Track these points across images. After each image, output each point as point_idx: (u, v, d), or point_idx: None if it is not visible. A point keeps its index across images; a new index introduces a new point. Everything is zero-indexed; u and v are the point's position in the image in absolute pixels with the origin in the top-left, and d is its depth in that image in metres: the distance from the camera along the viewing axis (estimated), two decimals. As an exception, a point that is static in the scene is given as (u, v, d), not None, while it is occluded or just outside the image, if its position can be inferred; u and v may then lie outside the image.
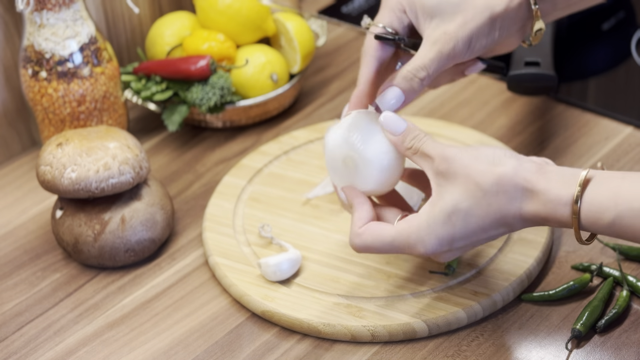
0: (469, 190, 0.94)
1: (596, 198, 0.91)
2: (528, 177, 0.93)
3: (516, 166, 0.94)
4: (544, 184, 0.93)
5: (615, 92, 1.36)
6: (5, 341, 1.06)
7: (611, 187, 0.90)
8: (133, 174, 1.12)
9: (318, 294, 1.07)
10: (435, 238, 0.96)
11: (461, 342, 1.03)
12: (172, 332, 1.06)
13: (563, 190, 0.92)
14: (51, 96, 1.21)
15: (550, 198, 0.92)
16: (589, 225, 0.92)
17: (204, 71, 1.27)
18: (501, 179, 0.94)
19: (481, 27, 1.03)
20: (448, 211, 0.95)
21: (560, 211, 0.92)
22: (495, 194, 0.94)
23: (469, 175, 0.94)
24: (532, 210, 0.94)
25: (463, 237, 0.96)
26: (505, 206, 0.94)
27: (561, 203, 0.92)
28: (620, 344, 1.01)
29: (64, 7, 1.18)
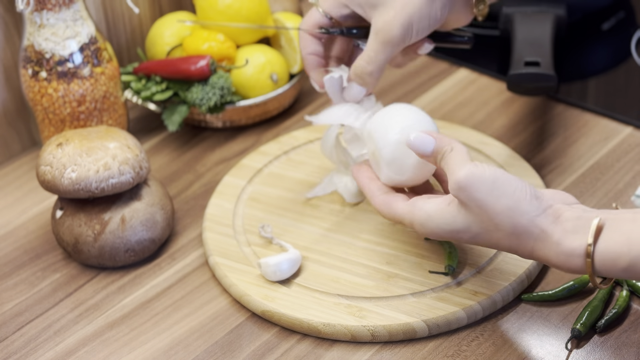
0: (483, 221, 0.94)
1: (610, 246, 0.90)
2: (545, 228, 0.92)
3: (535, 215, 0.92)
4: (558, 236, 0.92)
5: (615, 92, 1.36)
6: (5, 341, 1.06)
7: (624, 232, 0.89)
8: (133, 174, 1.12)
9: (318, 294, 1.07)
10: (440, 233, 0.97)
11: (461, 342, 1.03)
12: (172, 332, 1.06)
13: (576, 241, 0.91)
14: (51, 96, 1.21)
15: (563, 250, 0.92)
16: (604, 272, 0.91)
17: (204, 71, 1.27)
18: (517, 225, 0.93)
19: (420, 10, 1.06)
20: (456, 227, 0.96)
21: (574, 262, 0.91)
22: (507, 234, 0.94)
23: (485, 211, 0.94)
24: (542, 256, 0.94)
25: (467, 242, 0.98)
26: (515, 246, 0.95)
27: (574, 255, 0.91)
28: (620, 344, 1.01)
29: (64, 7, 1.18)
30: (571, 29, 1.43)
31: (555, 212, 0.93)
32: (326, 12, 1.11)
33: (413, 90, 1.37)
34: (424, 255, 1.11)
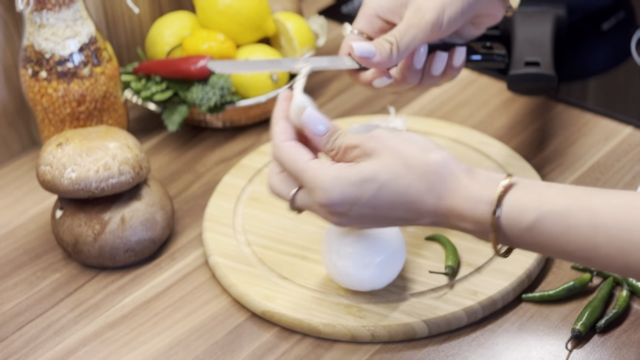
0: (393, 165, 0.92)
1: (518, 199, 0.89)
2: (455, 171, 0.91)
3: (446, 158, 0.92)
4: (468, 181, 0.91)
5: (615, 92, 1.36)
6: (5, 341, 1.06)
7: (535, 191, 0.89)
8: (133, 174, 1.12)
9: (318, 294, 1.07)
10: (340, 193, 0.92)
11: (461, 342, 1.03)
12: (172, 332, 1.06)
13: (486, 190, 0.90)
14: (51, 96, 1.21)
15: (471, 194, 0.90)
16: (507, 227, 0.89)
17: (204, 71, 1.27)
18: (429, 164, 0.91)
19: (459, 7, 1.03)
20: (363, 176, 0.92)
21: (480, 209, 0.90)
22: (418, 176, 0.91)
23: (397, 152, 0.92)
24: (448, 204, 0.91)
25: (367, 206, 0.93)
26: (424, 193, 0.91)
27: (481, 201, 0.90)
28: (620, 344, 1.01)
29: (64, 7, 1.18)
30: (571, 29, 1.43)
31: (468, 167, 0.92)
32: (361, 31, 1.07)
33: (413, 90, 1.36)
34: (424, 255, 1.11)
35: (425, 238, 1.12)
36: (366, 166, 0.92)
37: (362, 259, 1.03)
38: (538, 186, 0.90)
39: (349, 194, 0.92)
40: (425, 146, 0.93)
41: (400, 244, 1.05)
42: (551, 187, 0.90)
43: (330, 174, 0.93)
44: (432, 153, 0.92)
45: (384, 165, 0.92)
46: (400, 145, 0.93)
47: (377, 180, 0.92)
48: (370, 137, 0.94)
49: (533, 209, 0.88)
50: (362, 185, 0.92)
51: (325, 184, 0.92)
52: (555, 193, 0.89)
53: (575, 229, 0.86)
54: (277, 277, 1.09)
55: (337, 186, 0.92)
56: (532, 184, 0.90)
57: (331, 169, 0.93)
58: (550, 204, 0.88)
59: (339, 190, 0.92)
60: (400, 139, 0.93)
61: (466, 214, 0.91)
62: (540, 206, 0.88)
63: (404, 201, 0.92)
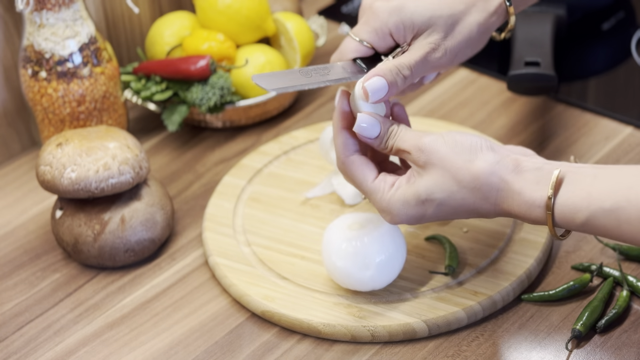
0: (445, 182, 0.96)
1: (569, 199, 0.92)
2: (505, 176, 0.95)
3: (493, 164, 0.95)
4: (519, 185, 0.94)
5: (615, 92, 1.36)
6: (5, 341, 1.06)
7: (584, 187, 0.91)
8: (133, 174, 1.11)
9: (318, 294, 1.07)
10: (405, 215, 0.98)
11: (461, 342, 1.03)
12: (172, 332, 1.06)
13: (537, 192, 0.93)
14: (51, 96, 1.21)
15: (524, 200, 0.94)
16: (563, 225, 0.93)
17: (204, 71, 1.27)
18: (478, 177, 0.95)
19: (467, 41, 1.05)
20: (422, 198, 0.97)
21: (535, 213, 0.94)
22: (470, 190, 0.95)
23: (445, 168, 0.96)
24: (506, 208, 0.95)
25: (433, 218, 0.98)
26: (479, 202, 0.96)
27: (535, 205, 0.93)
28: (621, 344, 1.01)
29: (63, 7, 1.18)
30: (571, 29, 1.43)
31: (514, 161, 0.95)
32: (362, 40, 1.06)
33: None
34: (424, 255, 1.11)
35: (425, 238, 1.12)
36: (421, 186, 0.97)
37: (362, 259, 1.03)
38: (586, 178, 0.92)
39: (413, 215, 0.98)
40: (471, 154, 0.96)
41: (400, 244, 1.05)
42: (599, 176, 0.92)
43: (393, 201, 0.98)
44: (478, 161, 0.95)
45: (436, 184, 0.96)
46: (448, 158, 0.96)
47: (434, 199, 0.97)
48: (419, 149, 0.97)
49: (584, 208, 0.91)
50: (423, 205, 0.97)
51: (391, 210, 0.99)
52: (604, 187, 0.90)
53: (627, 223, 0.89)
54: (277, 277, 1.09)
55: (402, 211, 0.98)
56: (580, 177, 0.92)
57: (395, 195, 0.98)
58: (600, 202, 0.90)
59: (404, 214, 0.98)
60: (447, 148, 0.96)
61: (523, 217, 0.95)
62: (589, 204, 0.91)
63: (463, 210, 0.97)
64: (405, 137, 0.99)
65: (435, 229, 1.14)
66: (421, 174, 0.97)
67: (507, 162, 0.95)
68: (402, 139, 0.99)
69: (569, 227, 0.93)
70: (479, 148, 0.96)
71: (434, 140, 0.97)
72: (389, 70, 1.02)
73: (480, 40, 1.07)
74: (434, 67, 1.05)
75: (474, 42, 1.07)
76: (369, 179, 1.00)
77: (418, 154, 0.97)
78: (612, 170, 0.92)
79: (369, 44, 1.06)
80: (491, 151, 0.96)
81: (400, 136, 0.99)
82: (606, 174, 0.92)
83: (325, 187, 1.19)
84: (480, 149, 0.96)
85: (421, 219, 0.99)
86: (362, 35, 1.06)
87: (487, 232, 1.12)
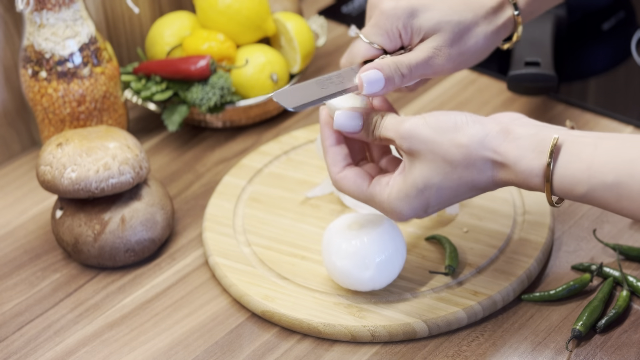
0: (438, 166, 0.94)
1: (568, 170, 0.90)
2: (496, 147, 0.93)
3: (482, 137, 0.93)
4: (514, 155, 0.92)
5: (615, 92, 1.36)
6: (5, 341, 1.06)
7: (584, 159, 0.90)
8: (133, 174, 1.12)
9: (318, 294, 1.07)
10: (409, 209, 0.96)
11: (461, 342, 1.03)
12: (172, 332, 1.06)
13: (534, 160, 0.91)
14: (51, 96, 1.21)
15: (521, 169, 0.92)
16: (561, 195, 0.92)
17: (204, 71, 1.27)
18: (469, 153, 0.93)
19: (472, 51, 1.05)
20: (419, 187, 0.95)
21: (533, 181, 0.92)
22: (464, 167, 0.94)
23: (433, 151, 0.94)
24: (504, 178, 0.94)
25: (437, 204, 0.96)
26: (477, 177, 0.94)
27: (533, 174, 0.92)
28: (621, 344, 1.01)
29: (64, 7, 1.18)
30: (571, 29, 1.43)
31: (503, 130, 0.93)
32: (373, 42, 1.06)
33: (413, 90, 1.37)
34: (424, 255, 1.11)
35: (425, 238, 1.12)
36: (415, 175, 0.95)
37: (362, 259, 1.03)
38: (587, 147, 0.90)
39: (417, 206, 0.96)
40: (456, 131, 0.93)
41: (400, 244, 1.05)
42: (600, 146, 0.90)
43: (393, 199, 0.97)
44: (464, 137, 0.93)
45: (429, 169, 0.94)
46: (433, 140, 0.94)
47: (432, 185, 0.95)
48: (402, 137, 0.95)
49: (584, 181, 0.90)
50: (423, 193, 0.95)
51: (394, 209, 0.97)
52: (604, 158, 0.89)
53: (628, 198, 0.88)
54: (277, 277, 1.09)
55: (405, 206, 0.96)
56: (580, 146, 0.90)
57: (392, 193, 0.96)
58: (601, 175, 0.89)
59: (408, 208, 0.96)
60: (430, 130, 0.94)
61: (521, 185, 0.93)
62: (590, 177, 0.89)
63: (464, 189, 0.95)
64: (388, 125, 0.97)
65: (435, 229, 1.14)
66: (412, 162, 0.95)
67: (496, 133, 0.93)
68: (385, 127, 0.97)
69: (567, 197, 0.91)
70: (463, 123, 0.94)
71: (415, 124, 0.95)
72: (388, 65, 1.01)
73: (485, 51, 1.07)
74: (435, 72, 1.04)
75: (479, 53, 1.06)
76: (363, 187, 0.99)
77: (401, 141, 0.95)
78: (613, 141, 0.90)
79: (379, 46, 1.05)
80: (477, 124, 0.94)
81: (384, 124, 0.97)
82: (607, 144, 0.90)
83: (325, 187, 1.19)
84: (465, 123, 0.94)
85: (427, 209, 0.97)
86: (372, 37, 1.05)
87: (487, 232, 1.12)
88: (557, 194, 0.92)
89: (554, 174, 0.91)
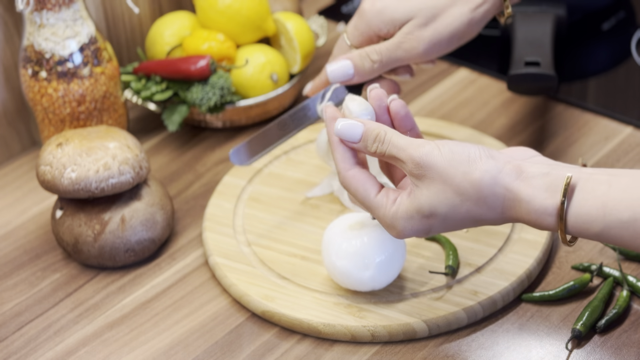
0: (447, 197, 0.92)
1: (583, 209, 0.88)
2: (509, 185, 0.91)
3: (495, 173, 0.91)
4: (527, 193, 0.90)
5: (615, 92, 1.36)
6: (5, 341, 1.06)
7: (598, 197, 0.88)
8: (133, 174, 1.12)
9: (318, 294, 1.07)
10: (411, 230, 0.95)
11: (461, 342, 1.03)
12: (172, 332, 1.06)
13: (548, 200, 0.89)
14: (51, 96, 1.21)
15: (534, 208, 0.90)
16: (576, 234, 0.90)
17: (204, 71, 1.27)
18: (481, 189, 0.91)
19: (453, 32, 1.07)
20: (425, 213, 0.93)
21: (546, 221, 0.90)
22: (474, 202, 0.92)
23: (445, 183, 0.92)
24: (514, 216, 0.92)
25: (440, 230, 0.95)
26: (486, 212, 0.92)
27: (546, 213, 0.89)
28: (621, 344, 1.01)
29: (63, 7, 1.18)
30: (571, 29, 1.43)
31: (516, 168, 0.91)
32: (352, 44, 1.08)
33: (413, 90, 1.37)
34: (424, 255, 1.11)
35: (425, 238, 1.12)
36: (423, 201, 0.93)
37: (362, 259, 1.03)
38: (601, 185, 0.88)
39: (419, 229, 0.95)
40: (470, 165, 0.92)
41: (400, 244, 1.05)
42: (614, 184, 0.88)
43: (397, 217, 0.95)
44: (478, 172, 0.91)
45: (438, 199, 0.93)
46: (446, 172, 0.92)
47: (438, 214, 0.93)
48: (415, 163, 0.93)
49: (599, 219, 0.87)
50: (428, 220, 0.94)
51: (396, 226, 0.95)
52: (620, 196, 0.87)
53: None
54: (277, 277, 1.09)
55: (407, 227, 0.95)
56: (594, 184, 0.88)
57: (399, 212, 0.95)
58: (616, 212, 0.87)
59: (410, 229, 0.95)
60: (444, 161, 0.92)
61: (533, 224, 0.91)
62: (605, 215, 0.87)
63: (470, 221, 0.94)
64: (399, 145, 0.95)
65: (435, 229, 1.14)
66: (420, 187, 0.93)
67: (509, 170, 0.91)
68: (396, 147, 0.95)
69: (582, 236, 0.89)
70: (477, 157, 0.92)
71: (430, 152, 0.93)
72: (358, 54, 1.05)
73: (467, 32, 1.07)
74: (410, 57, 1.06)
75: (460, 34, 1.07)
76: (371, 194, 0.97)
77: (413, 167, 0.93)
78: (627, 178, 0.88)
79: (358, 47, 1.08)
80: (491, 159, 0.92)
81: (393, 143, 0.95)
82: (621, 182, 0.88)
83: (325, 187, 1.19)
84: (479, 158, 0.92)
85: (429, 232, 0.95)
86: (351, 39, 1.09)
87: (487, 232, 1.12)
88: (571, 232, 0.89)
89: (568, 213, 0.89)
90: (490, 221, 0.93)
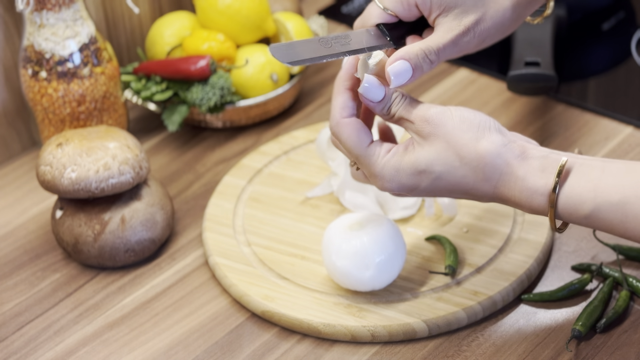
0: (447, 157, 0.93)
1: (575, 190, 0.90)
2: (510, 160, 0.92)
3: (500, 146, 0.93)
4: (523, 171, 0.92)
5: (615, 92, 1.36)
6: (5, 341, 1.06)
7: (591, 179, 0.90)
8: (133, 174, 1.12)
9: (318, 294, 1.07)
10: (397, 184, 0.95)
11: (461, 342, 1.03)
12: (172, 332, 1.06)
13: (541, 180, 0.91)
14: (51, 96, 1.21)
15: (527, 186, 0.91)
16: (565, 216, 0.91)
17: (204, 71, 1.27)
18: (483, 157, 0.92)
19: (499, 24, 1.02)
20: (419, 168, 0.94)
21: (536, 201, 0.91)
22: (472, 168, 0.93)
23: (449, 142, 0.93)
24: (505, 193, 0.93)
25: (425, 191, 0.95)
26: (480, 183, 0.93)
27: (537, 193, 0.91)
28: (621, 344, 1.01)
29: (64, 7, 1.18)
30: (571, 29, 1.43)
31: (520, 147, 0.93)
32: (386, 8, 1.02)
33: (413, 90, 1.37)
34: (424, 255, 1.11)
35: (425, 238, 1.12)
36: (421, 156, 0.94)
37: (362, 259, 1.03)
38: (594, 170, 0.90)
39: (405, 184, 0.95)
40: (479, 132, 0.93)
41: (400, 244, 1.05)
42: (607, 169, 0.90)
43: (388, 166, 0.95)
44: (485, 141, 0.92)
45: (438, 157, 0.93)
46: (454, 133, 0.93)
47: (433, 171, 0.94)
48: (425, 121, 0.94)
49: (589, 200, 0.89)
50: (419, 176, 0.94)
51: (384, 175, 0.95)
52: (612, 181, 0.89)
53: (633, 218, 0.88)
54: (277, 277, 1.09)
55: (395, 178, 0.95)
56: (588, 169, 0.90)
57: (390, 161, 0.95)
58: (607, 195, 0.88)
59: (397, 181, 0.95)
60: (455, 122, 0.93)
61: (523, 204, 0.92)
62: (596, 196, 0.89)
63: (460, 189, 0.94)
64: (411, 107, 0.96)
65: (435, 229, 1.14)
66: (422, 144, 0.94)
67: (514, 147, 0.93)
68: (407, 108, 0.96)
69: (571, 218, 0.91)
70: (487, 127, 0.93)
71: (442, 112, 0.94)
72: (415, 54, 0.98)
73: (511, 25, 1.04)
74: (461, 52, 1.02)
75: (506, 27, 1.03)
76: (363, 143, 0.97)
77: (422, 125, 0.94)
78: (620, 165, 0.90)
79: (393, 12, 1.02)
80: (499, 133, 0.93)
81: (406, 104, 0.96)
82: (614, 167, 0.90)
83: (325, 188, 1.19)
84: (488, 128, 0.93)
85: (413, 191, 0.95)
86: (386, 3, 1.02)
87: (487, 232, 1.12)
88: (560, 214, 0.91)
89: (559, 194, 0.90)
90: (480, 194, 0.94)
